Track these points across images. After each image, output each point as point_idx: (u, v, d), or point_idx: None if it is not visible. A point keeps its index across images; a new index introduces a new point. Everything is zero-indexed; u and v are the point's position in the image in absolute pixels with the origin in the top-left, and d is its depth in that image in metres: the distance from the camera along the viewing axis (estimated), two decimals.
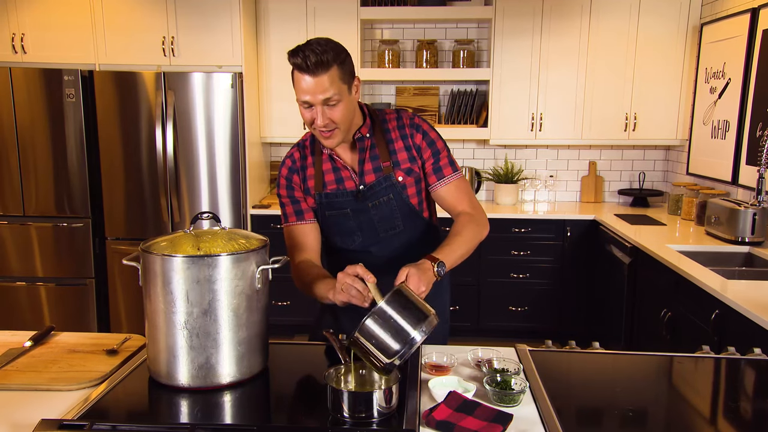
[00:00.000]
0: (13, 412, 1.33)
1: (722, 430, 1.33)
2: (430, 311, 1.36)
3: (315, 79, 1.56)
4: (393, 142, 1.79)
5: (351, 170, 1.78)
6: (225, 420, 1.34)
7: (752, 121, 3.40)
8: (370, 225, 1.80)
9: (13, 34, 4.09)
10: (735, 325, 2.23)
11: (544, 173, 4.74)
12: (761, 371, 1.61)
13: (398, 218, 1.80)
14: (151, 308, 1.41)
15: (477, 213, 1.81)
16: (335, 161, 1.79)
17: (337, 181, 1.79)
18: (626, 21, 4.16)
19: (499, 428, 1.24)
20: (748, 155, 3.42)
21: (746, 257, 3.12)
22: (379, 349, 1.30)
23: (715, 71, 3.84)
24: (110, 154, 4.05)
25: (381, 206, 1.78)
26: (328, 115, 1.61)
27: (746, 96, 3.47)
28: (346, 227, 1.81)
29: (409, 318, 1.33)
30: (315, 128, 1.65)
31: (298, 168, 1.82)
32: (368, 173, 1.77)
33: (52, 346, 1.70)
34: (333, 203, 1.79)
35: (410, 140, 1.79)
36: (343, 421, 1.24)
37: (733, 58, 3.61)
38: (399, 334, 1.31)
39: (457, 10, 4.35)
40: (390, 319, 1.32)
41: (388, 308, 1.33)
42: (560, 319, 4.23)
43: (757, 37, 3.38)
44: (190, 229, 1.47)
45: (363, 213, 1.79)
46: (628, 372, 1.62)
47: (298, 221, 1.82)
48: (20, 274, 4.17)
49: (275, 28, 4.29)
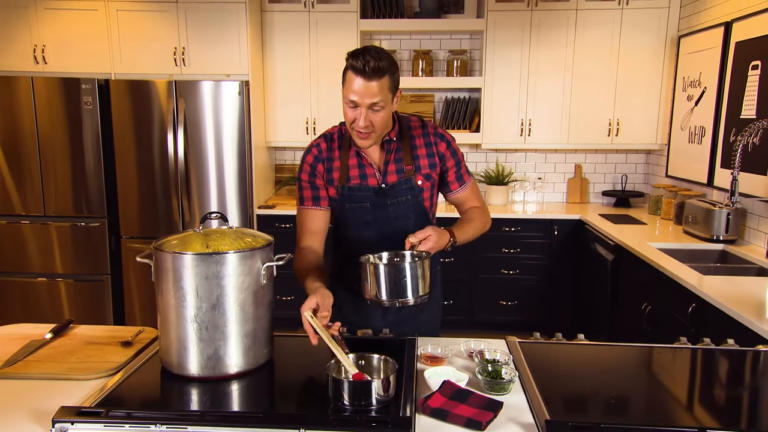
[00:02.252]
0: (35, 399, 1.33)
1: (698, 415, 1.33)
2: (427, 291, 1.54)
3: (368, 83, 1.59)
4: (417, 148, 1.83)
5: (375, 169, 1.79)
6: (232, 408, 1.34)
7: (726, 127, 3.40)
8: (385, 221, 1.81)
9: (35, 45, 4.08)
10: (710, 318, 2.23)
11: (533, 175, 4.74)
12: (734, 360, 1.61)
13: (411, 217, 1.82)
14: (163, 303, 1.40)
15: (485, 209, 1.94)
16: (362, 158, 1.79)
17: (361, 176, 1.79)
18: (609, 33, 4.16)
19: (490, 415, 1.24)
20: (723, 159, 3.43)
21: (721, 254, 3.13)
22: (377, 287, 1.49)
23: (691, 80, 3.84)
24: (125, 158, 4.04)
25: (399, 205, 1.80)
26: (369, 118, 1.64)
27: (720, 103, 3.47)
28: (362, 219, 1.82)
29: (416, 284, 1.50)
30: (354, 127, 1.67)
31: (324, 158, 1.81)
32: (391, 174, 1.80)
33: (70, 338, 1.70)
34: (354, 196, 1.79)
35: (434, 148, 1.84)
36: (344, 408, 1.24)
37: (708, 68, 3.62)
38: (400, 289, 1.49)
39: (451, 22, 4.34)
40: (404, 276, 1.49)
41: (410, 267, 1.50)
42: (548, 312, 4.23)
43: (730, 48, 3.38)
44: (200, 228, 1.47)
45: (381, 209, 1.80)
46: (611, 362, 1.62)
47: (313, 206, 1.81)
48: (41, 271, 4.16)
49: (280, 39, 4.28)
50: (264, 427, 1.16)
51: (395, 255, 1.62)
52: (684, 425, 1.21)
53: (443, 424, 1.23)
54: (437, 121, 4.63)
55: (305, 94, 4.35)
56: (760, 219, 3.06)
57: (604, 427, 1.14)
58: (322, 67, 4.30)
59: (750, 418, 1.36)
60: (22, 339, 1.66)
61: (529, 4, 4.16)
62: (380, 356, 1.40)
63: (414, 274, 1.51)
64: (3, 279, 4.18)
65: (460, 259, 4.20)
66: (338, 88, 4.75)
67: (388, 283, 1.50)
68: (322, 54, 4.28)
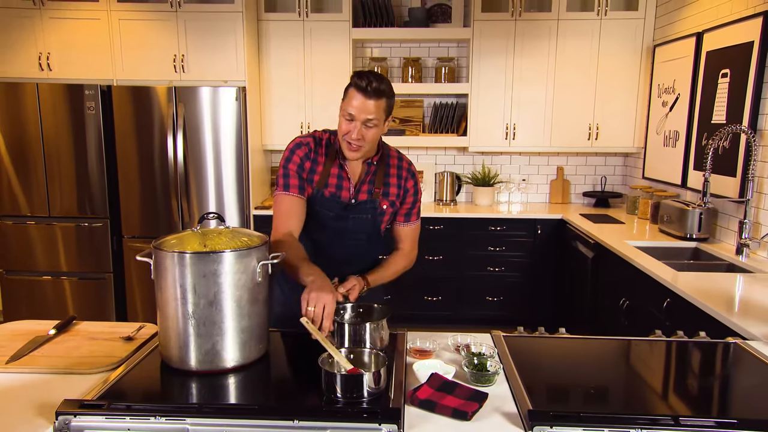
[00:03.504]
0: (39, 393, 1.32)
1: (673, 403, 1.34)
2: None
3: (367, 101, 1.67)
4: (390, 177, 1.89)
5: (351, 184, 1.84)
6: (229, 400, 1.34)
7: (698, 131, 3.43)
8: (342, 230, 1.85)
9: (40, 53, 4.04)
10: (683, 312, 2.24)
11: (517, 177, 4.75)
12: (705, 352, 1.63)
13: (364, 233, 1.87)
14: (163, 300, 1.39)
15: (413, 254, 2.00)
16: (343, 170, 1.83)
17: (337, 187, 1.83)
18: (589, 43, 4.18)
19: (475, 405, 1.24)
20: (695, 161, 3.45)
21: (694, 252, 3.15)
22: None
23: (666, 87, 3.87)
24: (127, 161, 4.01)
25: (358, 220, 1.85)
26: (362, 133, 1.70)
27: (693, 109, 3.49)
28: (321, 223, 1.85)
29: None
30: (345, 138, 1.73)
31: (311, 158, 1.82)
32: (362, 192, 1.84)
33: (73, 334, 1.68)
34: (325, 203, 1.82)
35: (404, 182, 1.91)
36: (336, 401, 1.24)
37: (681, 76, 3.64)
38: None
39: (439, 31, 4.35)
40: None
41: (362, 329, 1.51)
42: (531, 307, 4.24)
43: (701, 57, 3.41)
44: (198, 228, 1.46)
45: (342, 220, 1.84)
46: (591, 354, 1.63)
47: (298, 194, 1.79)
48: (46, 269, 4.12)
49: (275, 47, 4.27)
50: (259, 418, 1.15)
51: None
52: (659, 413, 1.22)
53: (431, 414, 1.23)
54: (426, 126, 4.63)
55: (300, 99, 4.34)
56: (730, 218, 3.09)
57: (583, 415, 1.14)
58: (315, 73, 4.29)
59: (720, 406, 1.37)
60: (26, 335, 1.65)
61: (513, 15, 4.17)
62: (371, 350, 1.40)
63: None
64: (10, 277, 4.14)
65: (448, 257, 4.20)
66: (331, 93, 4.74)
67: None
68: (315, 61, 4.27)
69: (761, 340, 1.69)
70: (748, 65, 2.92)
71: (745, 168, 2.91)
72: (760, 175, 2.86)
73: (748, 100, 2.91)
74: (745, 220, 2.82)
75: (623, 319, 2.91)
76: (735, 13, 3.10)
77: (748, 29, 2.93)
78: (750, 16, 2.93)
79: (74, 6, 3.98)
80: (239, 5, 3.96)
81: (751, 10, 2.95)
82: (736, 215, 3.03)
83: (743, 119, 2.94)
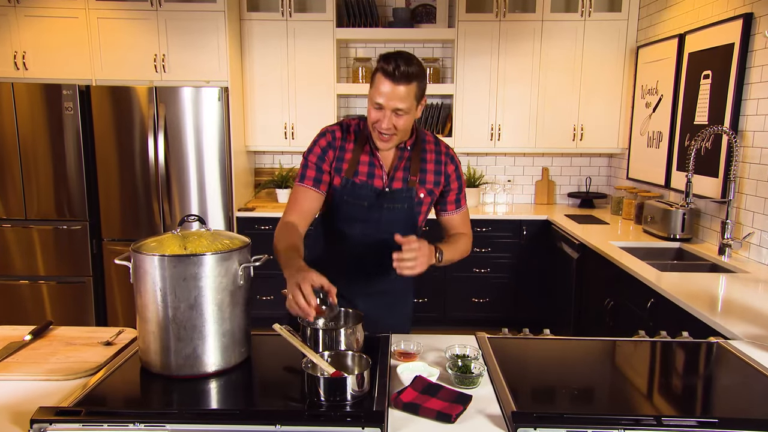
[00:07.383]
0: (14, 401, 1.30)
1: (657, 403, 1.35)
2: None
3: (396, 87, 1.56)
4: (426, 163, 1.79)
5: (384, 171, 1.76)
6: (211, 405, 1.33)
7: (681, 132, 3.47)
8: (375, 223, 1.77)
9: (15, 52, 3.98)
10: (667, 312, 2.27)
11: (502, 178, 4.78)
12: (688, 352, 1.65)
13: (401, 224, 1.77)
14: (142, 303, 1.38)
15: (470, 237, 1.90)
16: (374, 158, 1.75)
17: (369, 175, 1.75)
18: (573, 44, 4.22)
19: (459, 408, 1.24)
20: (678, 162, 3.50)
21: (677, 252, 3.19)
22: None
23: (649, 88, 3.92)
24: (106, 162, 3.96)
25: (394, 211, 1.77)
26: (393, 122, 1.61)
27: (676, 110, 3.54)
28: (354, 215, 1.78)
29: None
30: (376, 128, 1.64)
31: (337, 147, 1.76)
32: (397, 180, 1.76)
33: (50, 340, 1.65)
34: (356, 192, 1.75)
35: (443, 167, 1.81)
36: (320, 404, 1.23)
37: (664, 77, 3.69)
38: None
39: (424, 31, 4.36)
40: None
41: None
42: (516, 308, 4.26)
43: (684, 58, 3.46)
44: (178, 230, 1.44)
45: (376, 210, 1.76)
46: (575, 355, 1.64)
47: (313, 186, 1.75)
48: (23, 273, 4.05)
49: (258, 47, 4.25)
50: (241, 423, 1.14)
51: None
52: (642, 413, 1.23)
53: (415, 417, 1.23)
54: None
55: (283, 100, 4.32)
56: (713, 218, 3.13)
57: (567, 416, 1.15)
58: (299, 74, 4.27)
59: (703, 405, 1.39)
60: (1, 341, 1.62)
61: (497, 15, 4.19)
62: (354, 353, 1.39)
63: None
64: None
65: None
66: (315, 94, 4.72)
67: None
68: (299, 61, 4.25)
69: (743, 340, 1.71)
70: (729, 67, 2.97)
71: (727, 169, 2.95)
72: (741, 176, 2.91)
73: (729, 102, 2.96)
74: (727, 221, 2.86)
75: (608, 320, 2.94)
76: (716, 15, 3.15)
77: (729, 31, 2.98)
78: (730, 18, 2.98)
79: (51, 4, 3.93)
80: (221, 4, 3.93)
81: (732, 12, 3.00)
82: (718, 216, 3.08)
83: (725, 120, 2.99)
